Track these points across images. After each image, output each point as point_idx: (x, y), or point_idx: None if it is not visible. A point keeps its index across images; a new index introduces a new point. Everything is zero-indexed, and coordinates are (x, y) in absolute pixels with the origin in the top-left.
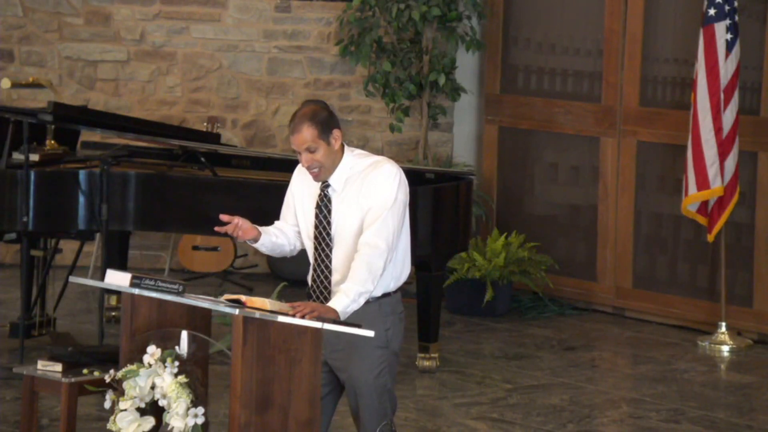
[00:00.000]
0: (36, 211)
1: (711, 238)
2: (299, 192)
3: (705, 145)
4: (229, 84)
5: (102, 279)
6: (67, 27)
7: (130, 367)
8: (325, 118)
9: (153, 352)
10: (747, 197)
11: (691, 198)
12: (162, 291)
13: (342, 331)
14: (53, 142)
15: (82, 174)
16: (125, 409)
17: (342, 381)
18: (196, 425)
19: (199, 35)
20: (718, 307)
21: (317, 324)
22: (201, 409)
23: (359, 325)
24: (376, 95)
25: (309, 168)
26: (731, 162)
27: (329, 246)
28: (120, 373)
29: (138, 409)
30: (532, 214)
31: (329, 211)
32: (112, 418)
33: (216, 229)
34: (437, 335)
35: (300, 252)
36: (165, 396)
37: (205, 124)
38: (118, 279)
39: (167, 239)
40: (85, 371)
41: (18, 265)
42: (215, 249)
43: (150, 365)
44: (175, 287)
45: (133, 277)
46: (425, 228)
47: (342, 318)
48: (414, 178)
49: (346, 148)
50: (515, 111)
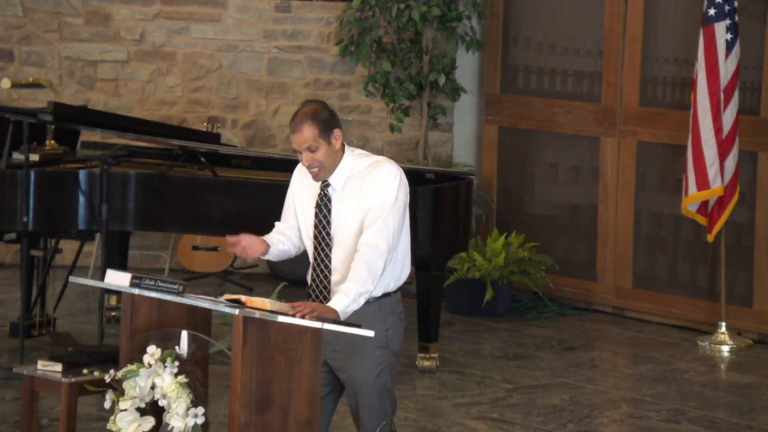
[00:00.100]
0: (36, 211)
1: (711, 238)
2: (299, 192)
3: (705, 145)
4: (229, 84)
5: (102, 279)
6: (67, 27)
7: (130, 367)
8: (326, 117)
9: (153, 352)
10: (747, 197)
11: (691, 198)
12: (162, 291)
13: (342, 331)
14: (53, 142)
15: (82, 174)
16: (125, 409)
17: (342, 381)
18: (196, 425)
19: (199, 35)
20: (718, 307)
21: (317, 324)
22: (201, 409)
23: (359, 325)
24: (376, 95)
25: (309, 167)
26: (731, 162)
27: (329, 246)
28: (120, 373)
29: (138, 409)
30: (532, 214)
31: (329, 211)
32: (112, 418)
33: (228, 250)
34: (437, 335)
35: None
36: (165, 396)
37: (205, 124)
38: (118, 279)
39: (167, 239)
40: (85, 371)
41: (18, 265)
42: (215, 249)
43: (150, 365)
44: (175, 287)
45: (133, 277)
46: (425, 228)
47: (342, 318)
48: (414, 178)
49: (346, 147)
50: (515, 111)
